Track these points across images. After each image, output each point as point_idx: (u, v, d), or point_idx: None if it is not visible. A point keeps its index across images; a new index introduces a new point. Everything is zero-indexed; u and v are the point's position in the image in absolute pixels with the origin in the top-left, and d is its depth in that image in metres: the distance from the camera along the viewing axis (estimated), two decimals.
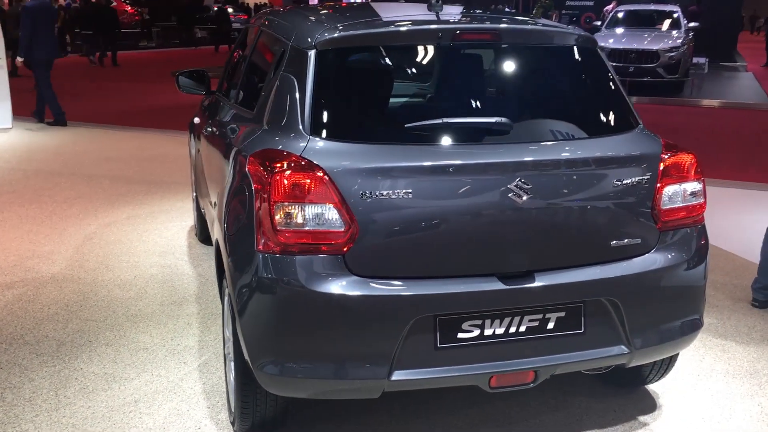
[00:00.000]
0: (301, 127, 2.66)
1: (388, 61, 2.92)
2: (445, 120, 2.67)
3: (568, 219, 2.69)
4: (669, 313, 2.88)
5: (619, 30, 16.16)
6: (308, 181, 2.49)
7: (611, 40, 15.29)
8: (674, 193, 2.86)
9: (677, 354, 3.22)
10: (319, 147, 2.59)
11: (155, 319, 4.10)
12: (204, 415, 3.14)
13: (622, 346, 2.79)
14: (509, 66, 2.98)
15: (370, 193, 2.49)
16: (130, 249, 5.29)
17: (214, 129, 3.92)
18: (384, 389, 2.59)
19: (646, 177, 2.78)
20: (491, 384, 2.67)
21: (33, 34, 9.71)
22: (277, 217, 2.49)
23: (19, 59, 10.27)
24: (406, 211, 2.53)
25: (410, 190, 2.52)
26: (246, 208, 2.66)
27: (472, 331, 2.63)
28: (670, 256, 2.85)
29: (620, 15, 17.25)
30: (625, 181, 2.74)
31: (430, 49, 2.90)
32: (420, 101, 2.83)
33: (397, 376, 2.57)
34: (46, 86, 10.07)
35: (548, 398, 3.31)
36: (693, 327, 2.96)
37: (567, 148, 2.73)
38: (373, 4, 3.48)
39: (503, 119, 2.70)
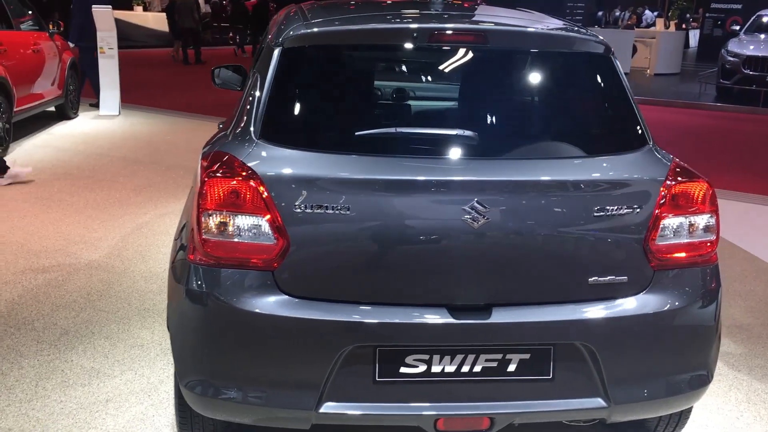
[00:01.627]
0: (252, 129, 2.48)
1: (355, 62, 2.67)
2: (399, 130, 2.40)
3: (535, 249, 2.35)
4: (662, 366, 2.47)
5: (762, 36, 14.79)
6: (239, 189, 2.30)
7: (751, 47, 14.05)
8: (676, 227, 2.44)
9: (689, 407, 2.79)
10: (263, 153, 2.39)
11: (164, 316, 4.05)
12: (166, 423, 3.04)
13: (599, 399, 2.42)
14: (494, 72, 2.64)
15: (305, 205, 2.27)
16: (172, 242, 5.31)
17: None
18: (312, 421, 2.37)
19: (639, 206, 2.39)
20: (438, 427, 2.38)
21: (85, 21, 10.06)
22: (204, 226, 2.32)
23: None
24: (343, 229, 2.28)
25: (348, 206, 2.27)
26: (188, 215, 2.52)
27: (417, 367, 2.35)
28: (666, 300, 2.44)
29: (765, 19, 15.69)
30: (611, 209, 2.36)
31: (405, 50, 2.62)
32: (384, 107, 2.57)
33: (328, 408, 2.33)
34: (95, 71, 10.31)
35: None
36: (696, 383, 2.53)
37: (542, 168, 2.39)
38: (377, 2, 3.22)
39: (467, 132, 2.39)
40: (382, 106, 2.60)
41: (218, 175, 2.34)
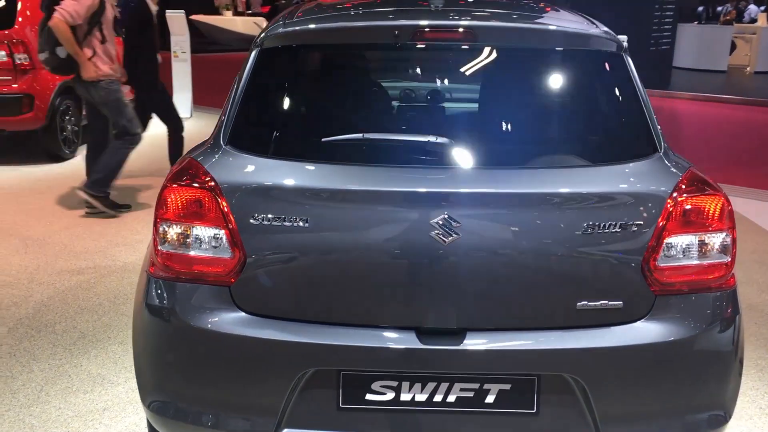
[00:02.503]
0: (221, 135, 2.35)
1: (333, 63, 2.49)
2: (367, 136, 2.20)
3: (515, 269, 2.11)
4: (665, 404, 2.18)
5: None
6: (196, 198, 2.17)
7: None
8: (683, 246, 2.15)
9: None
10: (229, 160, 2.26)
11: None
12: None
13: None
14: (483, 73, 2.41)
15: (263, 217, 2.12)
16: None
17: None
18: None
19: (639, 222, 2.11)
20: None
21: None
22: (160, 237, 2.21)
23: None
24: (302, 242, 2.12)
25: (307, 218, 2.10)
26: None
27: (384, 394, 2.16)
28: (670, 329, 2.15)
29: None
30: (604, 225, 2.09)
31: (386, 49, 2.43)
32: (361, 111, 2.38)
33: None
34: None
35: None
36: (707, 425, 2.22)
37: (526, 178, 2.15)
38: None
39: (443, 139, 2.17)
40: (358, 109, 2.41)
41: (176, 183, 2.22)
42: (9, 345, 3.71)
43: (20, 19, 7.44)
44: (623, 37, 2.47)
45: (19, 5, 7.51)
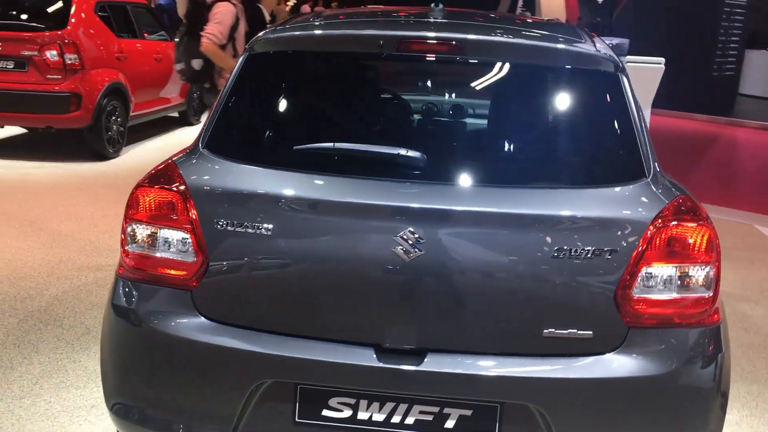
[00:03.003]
0: (201, 138, 2.34)
1: (316, 71, 2.45)
2: (338, 146, 2.15)
3: (478, 291, 2.03)
4: None
5: None
6: (163, 200, 2.16)
7: None
8: (660, 278, 2.03)
9: None
10: (203, 164, 2.24)
11: None
12: None
13: None
14: (467, 86, 2.34)
15: (227, 222, 2.09)
16: None
17: None
18: None
19: (613, 249, 2.01)
20: None
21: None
22: (128, 237, 2.20)
23: None
24: (263, 250, 2.08)
25: (269, 226, 2.07)
26: None
27: (341, 411, 2.10)
28: (643, 364, 2.03)
29: None
30: (574, 252, 1.99)
31: (370, 59, 2.38)
32: (337, 120, 2.33)
33: None
34: None
35: None
36: None
37: (496, 197, 2.06)
38: (375, 8, 2.98)
39: (415, 153, 2.10)
40: (335, 118, 2.36)
41: (146, 184, 2.22)
42: (16, 336, 3.78)
43: (73, 20, 7.69)
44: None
45: (73, 8, 7.75)
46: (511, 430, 2.05)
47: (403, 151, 2.08)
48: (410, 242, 1.99)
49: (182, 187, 2.16)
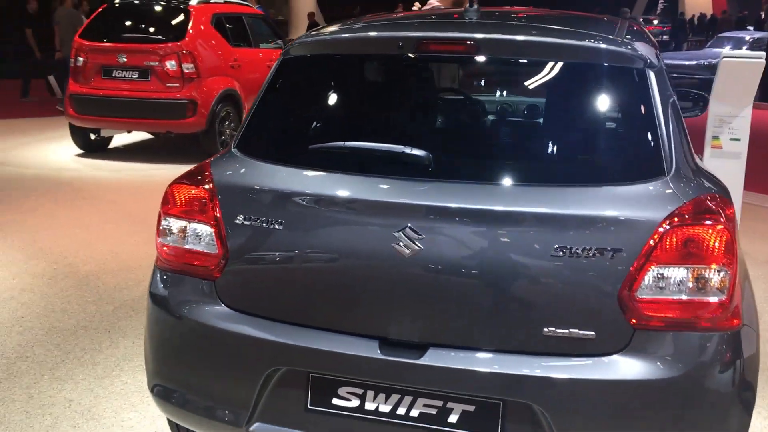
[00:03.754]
0: (235, 140, 2.50)
1: (341, 72, 2.53)
2: (347, 144, 2.23)
3: (479, 288, 2.04)
4: None
5: None
6: (194, 196, 2.32)
7: None
8: (668, 279, 1.96)
9: None
10: (232, 164, 2.39)
11: None
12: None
13: None
14: (485, 84, 2.34)
15: (246, 217, 2.23)
16: None
17: None
18: None
19: (618, 249, 1.96)
20: None
21: None
22: (161, 230, 2.39)
23: None
24: (276, 244, 2.20)
25: (281, 220, 2.18)
26: None
27: (350, 400, 2.18)
28: (650, 367, 1.97)
29: None
30: (577, 250, 1.97)
31: (393, 60, 2.43)
32: (358, 121, 2.38)
33: (257, 428, 2.25)
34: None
35: None
36: None
37: (499, 194, 2.06)
38: (415, 12, 3.02)
39: (422, 151, 2.14)
40: (355, 118, 2.43)
41: (181, 181, 2.39)
42: (108, 322, 4.12)
43: (191, 32, 8.21)
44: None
45: (191, 21, 8.27)
46: (515, 428, 2.05)
47: (408, 150, 2.13)
48: (410, 238, 2.04)
49: (210, 185, 2.31)
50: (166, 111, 8.12)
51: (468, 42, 2.29)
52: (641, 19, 38.12)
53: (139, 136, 9.88)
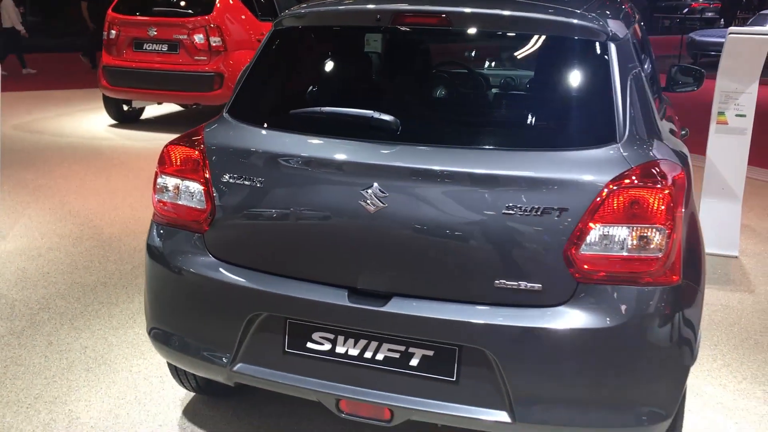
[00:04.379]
0: (227, 105, 2.71)
1: (325, 43, 2.72)
2: (323, 109, 2.41)
3: (436, 243, 2.22)
4: (583, 392, 2.17)
5: None
6: (185, 156, 2.54)
7: None
8: (611, 237, 2.12)
9: None
10: (222, 127, 2.61)
11: None
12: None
13: (504, 413, 2.21)
14: (456, 56, 2.50)
15: (230, 176, 2.44)
16: None
17: None
18: (228, 377, 2.52)
19: (564, 209, 2.12)
20: (341, 408, 2.39)
21: None
22: (157, 187, 2.61)
23: None
24: (256, 201, 2.41)
25: (262, 179, 2.39)
26: None
27: (322, 344, 2.38)
28: (591, 318, 2.13)
29: None
30: (526, 209, 2.13)
31: (371, 32, 2.61)
32: (337, 87, 2.56)
33: (240, 368, 2.47)
34: None
35: None
36: (635, 420, 2.18)
37: (456, 157, 2.23)
38: None
39: (390, 116, 2.31)
40: (335, 86, 2.61)
41: (176, 143, 2.61)
42: (127, 279, 4.40)
43: (218, 5, 8.42)
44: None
45: None
46: (469, 372, 2.23)
47: (376, 115, 2.31)
48: (376, 196, 2.22)
49: (201, 147, 2.52)
50: (194, 83, 8.37)
51: (441, 15, 2.46)
52: None
53: (170, 108, 10.18)
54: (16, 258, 4.69)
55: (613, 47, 2.39)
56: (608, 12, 2.61)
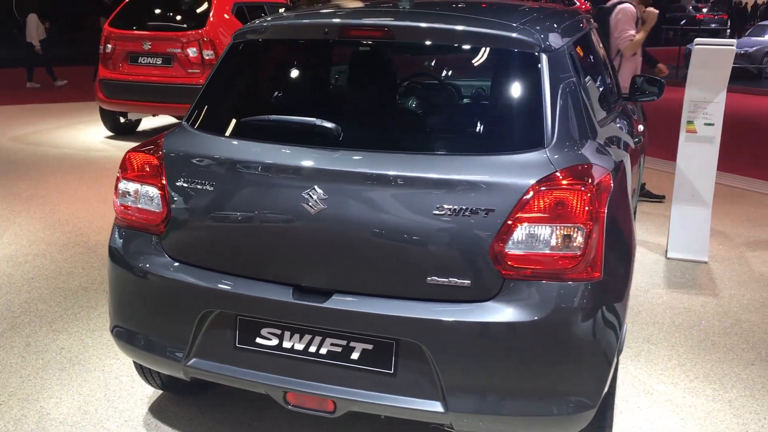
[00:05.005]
0: (186, 115, 2.86)
1: (278, 55, 2.87)
2: (271, 117, 2.57)
3: (373, 242, 2.35)
4: (510, 382, 2.30)
5: None
6: (144, 162, 2.69)
7: None
8: (533, 236, 2.25)
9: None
10: (179, 135, 2.76)
11: None
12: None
13: (438, 404, 2.34)
14: (397, 67, 2.64)
15: (184, 180, 2.58)
16: None
17: None
18: (183, 372, 2.65)
19: (491, 209, 2.26)
20: (289, 400, 2.52)
21: None
22: (118, 192, 2.75)
23: None
24: (208, 204, 2.55)
25: (213, 183, 2.53)
26: None
27: (270, 339, 2.52)
28: (517, 312, 2.26)
29: None
30: (455, 210, 2.27)
31: (323, 46, 2.75)
32: (287, 97, 2.70)
33: (194, 363, 2.60)
34: None
35: None
36: (558, 409, 2.30)
37: (392, 161, 2.37)
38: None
39: (331, 123, 2.46)
40: (286, 96, 2.76)
41: (136, 150, 2.76)
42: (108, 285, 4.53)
43: (211, 20, 8.62)
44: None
45: (212, 9, 8.68)
46: (406, 364, 2.36)
47: (318, 122, 2.46)
48: (318, 198, 2.36)
49: (159, 153, 2.67)
50: (188, 96, 8.46)
51: (384, 29, 2.60)
52: (691, 7, 37.31)
53: (166, 119, 10.36)
54: (2, 264, 4.85)
55: (545, 58, 2.52)
56: (548, 24, 2.74)
